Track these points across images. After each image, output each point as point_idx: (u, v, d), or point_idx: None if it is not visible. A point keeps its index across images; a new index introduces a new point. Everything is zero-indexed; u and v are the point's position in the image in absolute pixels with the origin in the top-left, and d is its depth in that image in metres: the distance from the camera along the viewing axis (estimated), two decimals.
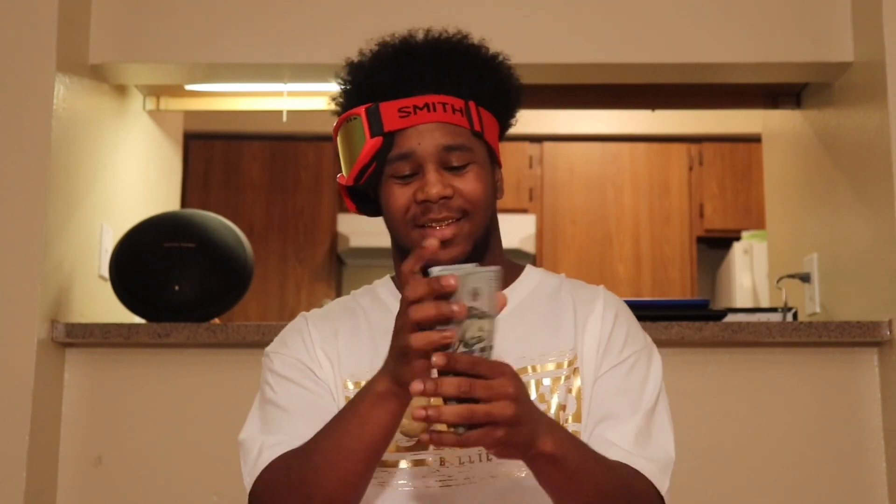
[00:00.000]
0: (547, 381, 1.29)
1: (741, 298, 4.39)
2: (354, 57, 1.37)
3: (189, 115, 3.34)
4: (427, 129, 1.28)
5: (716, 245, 4.87)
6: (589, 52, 2.43)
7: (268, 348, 1.38)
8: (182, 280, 2.31)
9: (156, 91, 2.84)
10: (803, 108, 2.79)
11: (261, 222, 4.77)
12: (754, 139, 3.81)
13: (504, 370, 1.06)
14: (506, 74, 1.38)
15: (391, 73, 1.31)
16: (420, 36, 1.36)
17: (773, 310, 2.47)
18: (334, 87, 1.38)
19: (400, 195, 1.29)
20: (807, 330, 2.24)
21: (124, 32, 2.43)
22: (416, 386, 1.04)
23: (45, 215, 2.19)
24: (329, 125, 1.37)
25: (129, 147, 2.76)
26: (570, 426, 1.28)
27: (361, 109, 1.29)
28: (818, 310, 2.57)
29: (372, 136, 1.28)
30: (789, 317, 2.43)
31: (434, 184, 1.27)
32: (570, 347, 1.32)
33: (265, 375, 1.36)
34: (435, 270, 1.07)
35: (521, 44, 1.42)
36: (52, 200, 2.22)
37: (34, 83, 2.23)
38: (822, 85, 2.59)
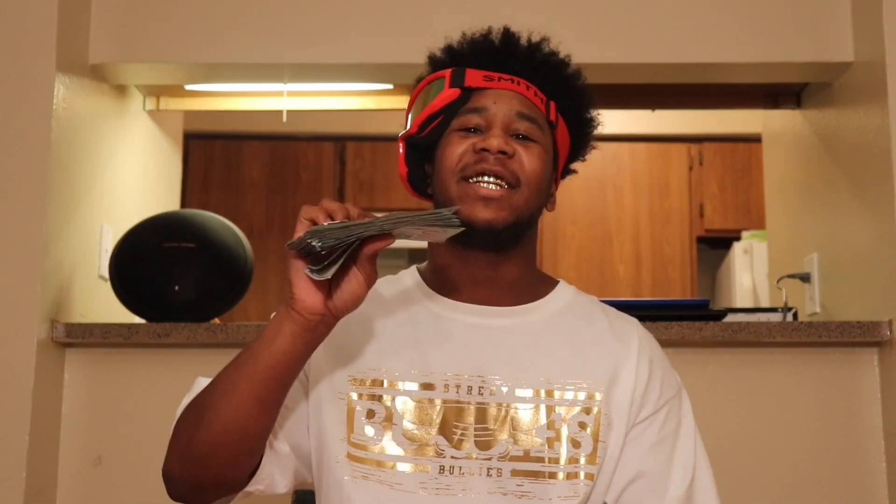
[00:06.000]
0: (560, 410, 1.27)
1: (741, 298, 4.40)
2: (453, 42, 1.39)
3: (189, 115, 3.34)
4: (505, 95, 1.30)
5: (716, 245, 4.87)
6: (589, 52, 2.43)
7: None
8: (182, 280, 2.31)
9: (156, 91, 2.84)
10: (803, 108, 2.79)
11: (261, 222, 4.77)
12: (754, 139, 3.82)
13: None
14: (589, 99, 1.41)
15: (487, 52, 1.34)
16: (524, 34, 1.39)
17: (773, 310, 2.47)
18: (334, 87, 1.39)
19: (459, 144, 1.29)
20: (807, 330, 2.24)
21: (124, 32, 2.43)
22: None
23: (45, 215, 2.19)
24: (329, 125, 1.38)
25: (129, 147, 2.76)
26: (583, 468, 1.25)
27: (447, 71, 1.32)
28: (818, 310, 2.57)
29: (451, 86, 1.29)
30: (789, 317, 2.43)
31: (497, 136, 1.27)
32: (594, 379, 1.29)
33: None
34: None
35: None
36: (52, 200, 2.22)
37: (34, 83, 2.23)
38: (822, 85, 2.59)
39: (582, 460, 1.26)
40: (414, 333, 1.30)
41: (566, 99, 1.36)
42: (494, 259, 1.32)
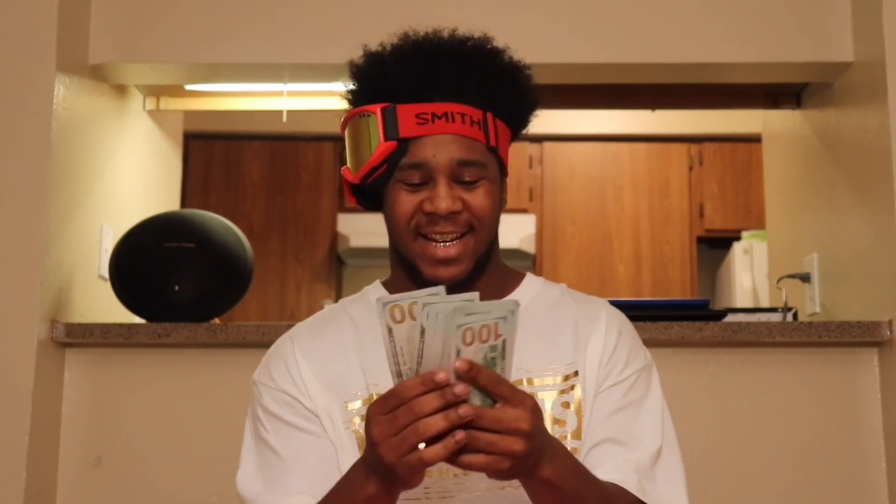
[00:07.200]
0: (542, 395, 1.28)
1: (741, 298, 4.40)
2: (373, 47, 1.34)
3: (189, 115, 3.34)
4: (443, 141, 1.26)
5: (716, 245, 4.87)
6: (589, 52, 2.43)
7: (255, 374, 1.36)
8: (182, 280, 2.31)
9: (156, 91, 2.84)
10: (803, 108, 2.79)
11: (261, 222, 4.77)
12: (754, 139, 3.82)
13: (524, 401, 1.01)
14: (525, 84, 1.36)
15: (411, 75, 1.28)
16: (444, 37, 1.33)
17: (773, 310, 2.47)
18: (334, 87, 1.37)
19: (406, 202, 1.27)
20: (807, 330, 2.24)
21: (124, 32, 2.43)
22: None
23: (45, 215, 2.19)
24: (329, 125, 1.38)
25: (129, 147, 2.76)
26: (570, 443, 1.26)
27: (377, 108, 1.26)
28: (818, 310, 2.57)
29: (386, 139, 1.25)
30: (789, 317, 2.43)
31: (444, 198, 1.25)
32: (569, 361, 1.30)
33: (256, 408, 1.34)
34: (440, 311, 0.98)
35: (521, 44, 1.41)
36: (52, 200, 2.22)
37: (34, 83, 2.23)
38: (822, 85, 2.59)
39: (568, 436, 1.27)
40: None
41: (502, 100, 1.31)
42: (461, 283, 1.31)
